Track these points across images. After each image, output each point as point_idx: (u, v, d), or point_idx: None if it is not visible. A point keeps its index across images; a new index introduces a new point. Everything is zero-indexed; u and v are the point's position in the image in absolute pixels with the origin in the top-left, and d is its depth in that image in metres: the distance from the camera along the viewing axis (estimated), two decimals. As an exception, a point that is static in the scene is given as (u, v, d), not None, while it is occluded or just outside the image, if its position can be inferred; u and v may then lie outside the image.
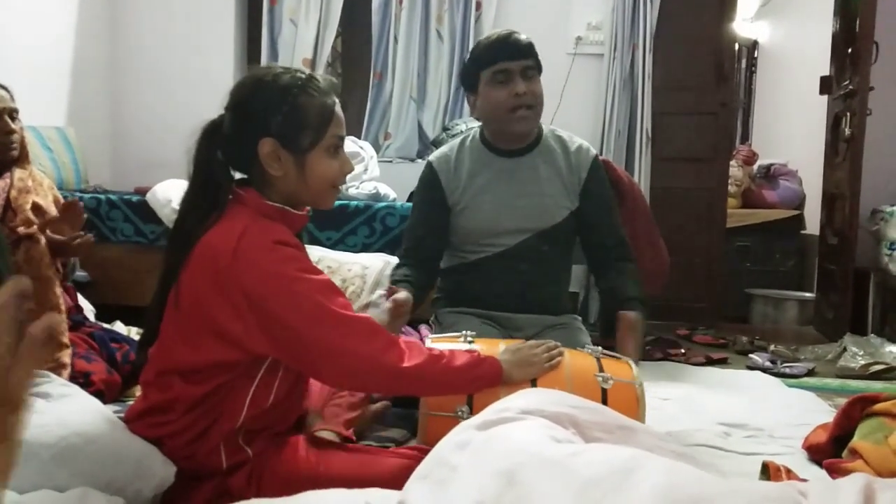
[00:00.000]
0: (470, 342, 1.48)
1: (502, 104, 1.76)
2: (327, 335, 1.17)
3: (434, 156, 1.94)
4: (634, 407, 1.40)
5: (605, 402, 1.35)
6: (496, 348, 1.44)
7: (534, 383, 1.37)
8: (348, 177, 3.00)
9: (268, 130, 1.22)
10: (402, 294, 1.61)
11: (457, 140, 1.95)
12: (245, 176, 1.29)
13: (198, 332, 1.20)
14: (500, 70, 1.76)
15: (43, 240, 1.92)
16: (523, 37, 1.79)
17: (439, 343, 1.47)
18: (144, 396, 1.29)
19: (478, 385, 1.33)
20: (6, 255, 1.47)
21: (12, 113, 2.00)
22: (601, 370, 1.45)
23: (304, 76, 1.26)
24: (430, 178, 1.89)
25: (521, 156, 1.87)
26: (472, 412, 1.31)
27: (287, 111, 1.22)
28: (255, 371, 1.22)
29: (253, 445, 1.26)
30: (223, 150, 1.25)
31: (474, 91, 1.82)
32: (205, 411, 1.21)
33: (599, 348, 1.57)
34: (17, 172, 2.04)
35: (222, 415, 1.21)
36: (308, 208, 1.33)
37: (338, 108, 1.27)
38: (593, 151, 1.92)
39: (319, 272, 1.23)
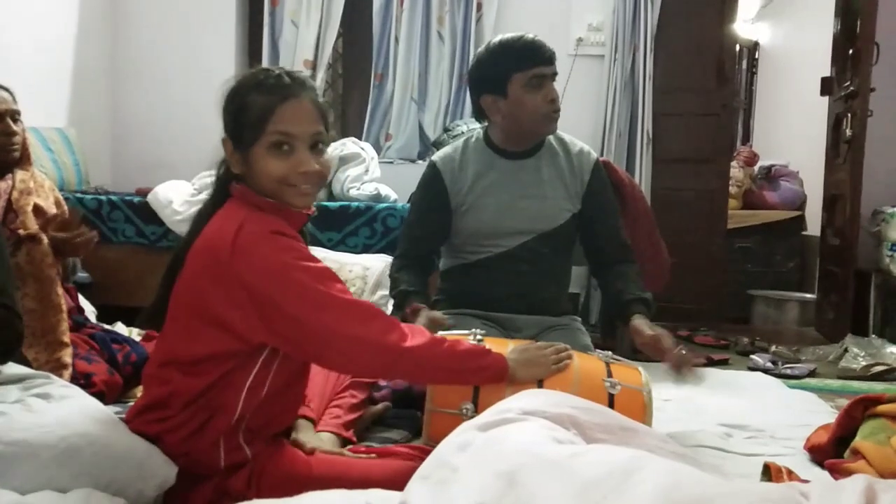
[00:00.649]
0: (479, 340, 1.48)
1: (538, 108, 1.77)
2: (327, 320, 1.18)
3: (438, 156, 1.93)
4: (641, 413, 1.40)
5: (611, 407, 1.34)
6: (504, 348, 1.44)
7: (540, 385, 1.37)
8: (350, 178, 3.04)
9: (226, 129, 1.27)
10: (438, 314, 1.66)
11: (460, 141, 1.95)
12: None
13: (197, 322, 1.21)
14: (537, 75, 1.76)
15: (45, 240, 1.93)
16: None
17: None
18: (146, 391, 1.30)
19: (482, 376, 1.33)
20: (4, 255, 1.47)
21: (14, 115, 2.00)
22: (609, 375, 1.45)
23: (262, 75, 1.27)
24: (433, 179, 1.89)
25: (524, 158, 1.87)
26: (476, 410, 1.31)
27: (232, 109, 1.26)
28: (251, 363, 1.23)
29: (252, 446, 1.26)
30: None
31: (499, 93, 1.78)
32: (202, 405, 1.22)
33: (609, 353, 1.57)
34: (19, 174, 2.04)
35: (219, 409, 1.22)
36: (313, 207, 1.34)
37: (289, 105, 1.22)
38: (594, 155, 1.93)
39: (317, 260, 1.24)
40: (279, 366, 1.26)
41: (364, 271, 2.69)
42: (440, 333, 1.57)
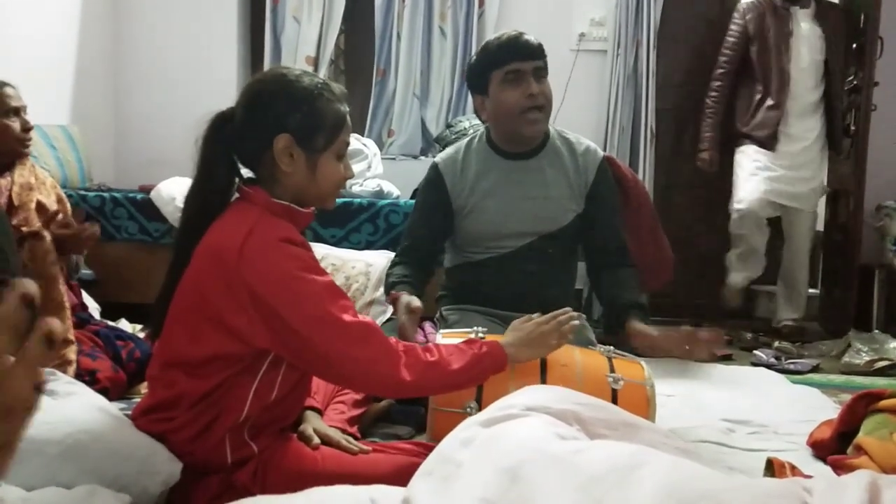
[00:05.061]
0: (481, 339, 1.47)
1: (514, 105, 1.75)
2: (325, 336, 1.19)
3: (440, 157, 1.92)
4: (644, 408, 1.40)
5: (615, 402, 1.34)
6: None
7: (543, 381, 1.36)
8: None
9: (285, 127, 1.24)
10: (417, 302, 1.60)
11: (463, 142, 1.94)
12: (252, 174, 1.31)
13: (202, 325, 1.21)
14: (513, 70, 1.74)
15: (48, 237, 1.93)
16: (533, 37, 1.78)
17: (450, 339, 1.46)
18: (151, 392, 1.30)
19: (483, 378, 1.33)
20: (12, 245, 1.49)
21: (25, 110, 2.05)
22: (612, 370, 1.45)
23: (321, 81, 1.30)
24: (434, 181, 1.88)
25: (527, 158, 1.86)
26: (480, 408, 1.31)
27: (307, 111, 1.25)
28: (258, 366, 1.23)
29: (258, 441, 1.26)
30: (233, 144, 1.27)
31: (483, 93, 1.80)
32: (208, 406, 1.22)
33: (611, 348, 1.57)
34: (17, 169, 2.05)
35: (225, 410, 1.22)
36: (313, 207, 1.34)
37: (348, 116, 1.31)
38: (601, 153, 1.91)
39: (323, 272, 1.24)
40: (286, 370, 1.26)
41: (367, 268, 2.69)
42: (443, 331, 1.58)
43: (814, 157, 3.27)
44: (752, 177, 3.21)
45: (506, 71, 1.74)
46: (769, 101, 3.19)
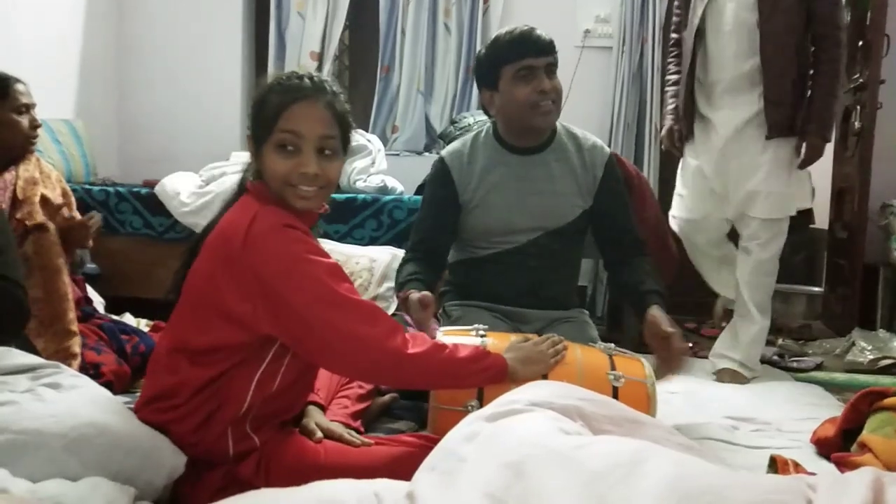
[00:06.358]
0: (482, 336, 1.48)
1: (526, 101, 1.74)
2: (331, 316, 1.19)
3: (446, 151, 1.92)
4: (645, 405, 1.40)
5: (616, 400, 1.35)
6: (506, 342, 1.44)
7: (545, 379, 1.37)
8: (356, 170, 3.04)
9: (249, 126, 1.31)
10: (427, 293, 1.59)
11: (469, 136, 1.93)
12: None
13: (206, 312, 1.22)
14: (526, 66, 1.73)
15: (52, 228, 1.94)
16: (544, 33, 1.77)
17: (450, 336, 1.46)
18: (153, 382, 1.30)
19: (483, 378, 1.33)
20: (9, 235, 1.51)
21: (34, 107, 2.07)
22: (613, 368, 1.45)
23: (285, 76, 1.30)
24: (441, 175, 1.87)
25: (534, 154, 1.85)
26: (481, 406, 1.31)
27: (253, 106, 1.29)
28: (261, 357, 1.24)
29: (260, 433, 1.27)
30: None
31: (493, 87, 1.79)
32: (210, 395, 1.23)
33: (612, 345, 1.57)
34: (23, 164, 2.07)
35: (227, 400, 1.23)
36: (325, 206, 1.34)
37: (300, 105, 1.24)
38: (608, 150, 1.91)
39: (327, 255, 1.25)
40: (290, 361, 1.27)
41: (371, 263, 2.69)
42: (444, 328, 1.58)
43: (747, 148, 2.40)
44: (678, 199, 2.67)
45: (518, 67, 1.73)
46: (681, 81, 2.54)
